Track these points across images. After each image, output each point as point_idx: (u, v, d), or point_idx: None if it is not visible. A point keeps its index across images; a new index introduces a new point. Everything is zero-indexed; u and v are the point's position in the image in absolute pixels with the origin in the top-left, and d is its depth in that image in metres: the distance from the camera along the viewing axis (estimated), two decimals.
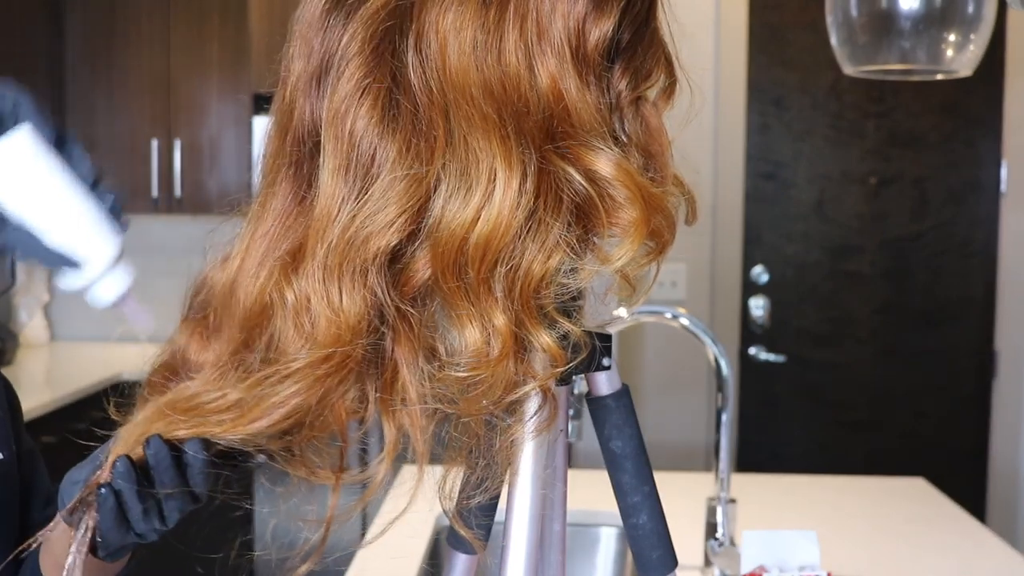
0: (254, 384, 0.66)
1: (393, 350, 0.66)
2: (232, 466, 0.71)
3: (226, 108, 3.47)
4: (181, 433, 0.67)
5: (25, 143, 0.67)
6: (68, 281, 0.70)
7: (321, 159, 0.66)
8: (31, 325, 3.74)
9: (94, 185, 0.71)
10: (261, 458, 0.71)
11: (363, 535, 1.85)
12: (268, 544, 3.28)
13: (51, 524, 0.72)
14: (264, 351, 0.67)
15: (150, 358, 0.74)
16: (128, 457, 0.68)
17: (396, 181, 0.63)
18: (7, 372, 3.41)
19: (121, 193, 0.72)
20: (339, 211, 0.64)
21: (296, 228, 0.67)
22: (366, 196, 0.64)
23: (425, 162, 0.64)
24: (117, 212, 0.71)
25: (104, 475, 0.68)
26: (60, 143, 0.70)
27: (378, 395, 0.66)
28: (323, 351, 0.64)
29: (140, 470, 0.68)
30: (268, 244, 0.68)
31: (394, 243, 0.64)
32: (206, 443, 0.68)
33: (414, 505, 0.69)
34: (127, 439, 0.69)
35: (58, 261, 0.69)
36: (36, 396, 2.87)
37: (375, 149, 0.64)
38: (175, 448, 0.68)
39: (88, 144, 3.60)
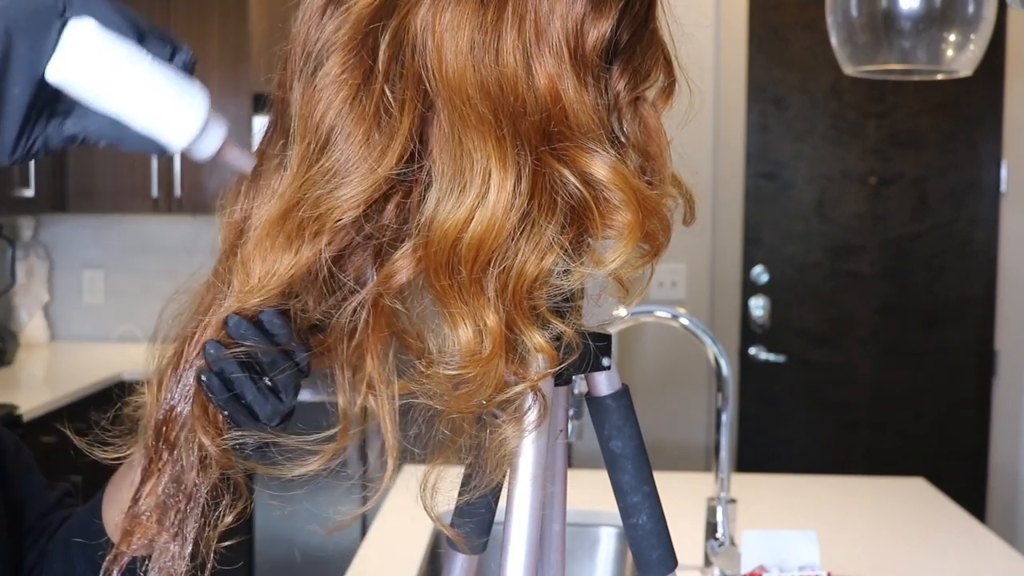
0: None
1: (366, 337, 0.68)
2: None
3: (226, 108, 3.47)
4: (234, 307, 0.69)
5: (89, 30, 0.65)
6: (172, 146, 0.69)
7: (290, 140, 0.68)
8: (31, 325, 3.74)
9: (172, 54, 0.69)
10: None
11: (363, 535, 1.85)
12: (268, 545, 3.29)
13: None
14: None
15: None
16: (215, 340, 0.69)
17: (350, 165, 0.65)
18: (7, 372, 3.42)
19: (188, 49, 0.71)
20: (290, 183, 0.67)
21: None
22: (319, 175, 0.65)
23: (379, 155, 0.65)
24: (192, 66, 0.70)
25: (195, 363, 0.70)
26: (131, 22, 0.68)
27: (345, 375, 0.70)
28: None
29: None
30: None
31: (337, 220, 0.65)
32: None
33: (413, 502, 0.69)
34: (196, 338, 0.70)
35: (144, 144, 0.69)
36: (36, 396, 2.87)
37: (335, 134, 0.65)
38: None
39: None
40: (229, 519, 0.73)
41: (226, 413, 0.70)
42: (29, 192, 3.30)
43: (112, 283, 3.86)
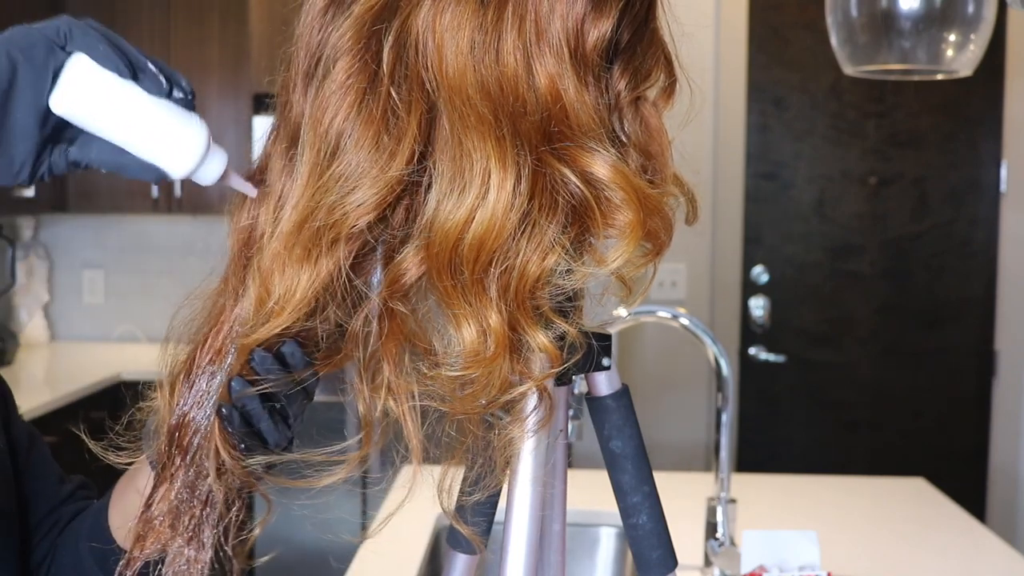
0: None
1: (379, 344, 0.68)
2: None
3: (226, 108, 3.47)
4: (255, 337, 0.69)
5: (84, 68, 0.67)
6: (173, 174, 0.71)
7: (299, 149, 0.68)
8: (31, 325, 3.74)
9: (169, 89, 0.70)
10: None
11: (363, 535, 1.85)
12: (268, 545, 3.29)
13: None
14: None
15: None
16: (240, 375, 0.69)
17: (361, 170, 0.65)
18: (7, 372, 3.41)
19: (186, 80, 0.72)
20: (302, 193, 0.66)
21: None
22: (331, 181, 0.65)
23: (389, 157, 0.65)
24: (192, 99, 0.71)
25: (219, 397, 0.70)
26: (127, 59, 0.69)
27: (361, 383, 0.69)
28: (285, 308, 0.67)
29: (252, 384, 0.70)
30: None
31: (353, 226, 0.65)
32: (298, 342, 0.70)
33: (412, 503, 0.69)
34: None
35: (144, 172, 0.70)
36: (36, 396, 2.87)
37: (344, 139, 0.65)
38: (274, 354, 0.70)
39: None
40: (257, 531, 0.73)
41: (242, 446, 0.70)
42: (29, 192, 3.30)
43: (112, 283, 3.86)
